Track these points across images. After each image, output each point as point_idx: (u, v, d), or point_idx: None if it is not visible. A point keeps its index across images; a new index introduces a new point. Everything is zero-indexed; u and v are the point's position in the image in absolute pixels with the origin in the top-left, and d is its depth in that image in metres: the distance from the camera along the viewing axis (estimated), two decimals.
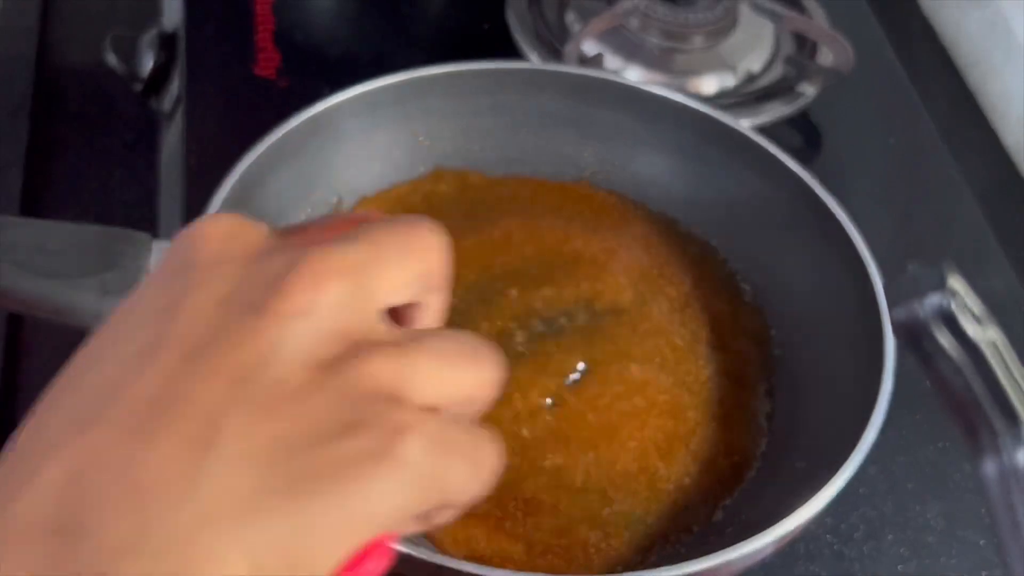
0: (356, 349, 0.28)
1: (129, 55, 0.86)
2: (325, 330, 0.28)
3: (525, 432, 0.58)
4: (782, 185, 0.64)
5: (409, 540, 0.47)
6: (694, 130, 0.67)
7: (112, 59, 0.86)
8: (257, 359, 0.27)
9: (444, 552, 0.52)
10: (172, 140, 0.83)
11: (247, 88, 0.82)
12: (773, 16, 0.86)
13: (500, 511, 0.55)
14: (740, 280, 0.67)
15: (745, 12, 0.87)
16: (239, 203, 0.58)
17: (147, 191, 0.86)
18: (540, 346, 0.61)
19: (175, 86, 0.85)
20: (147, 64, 0.85)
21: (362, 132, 0.66)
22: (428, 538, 0.53)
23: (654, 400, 0.60)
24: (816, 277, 0.63)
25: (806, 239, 0.64)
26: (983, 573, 0.63)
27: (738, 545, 0.47)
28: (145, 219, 0.85)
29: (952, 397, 0.43)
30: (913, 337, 0.44)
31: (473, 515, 0.54)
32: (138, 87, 0.87)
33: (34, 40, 0.92)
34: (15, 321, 0.78)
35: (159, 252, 0.56)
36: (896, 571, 0.62)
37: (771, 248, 0.66)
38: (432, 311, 0.33)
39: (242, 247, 0.30)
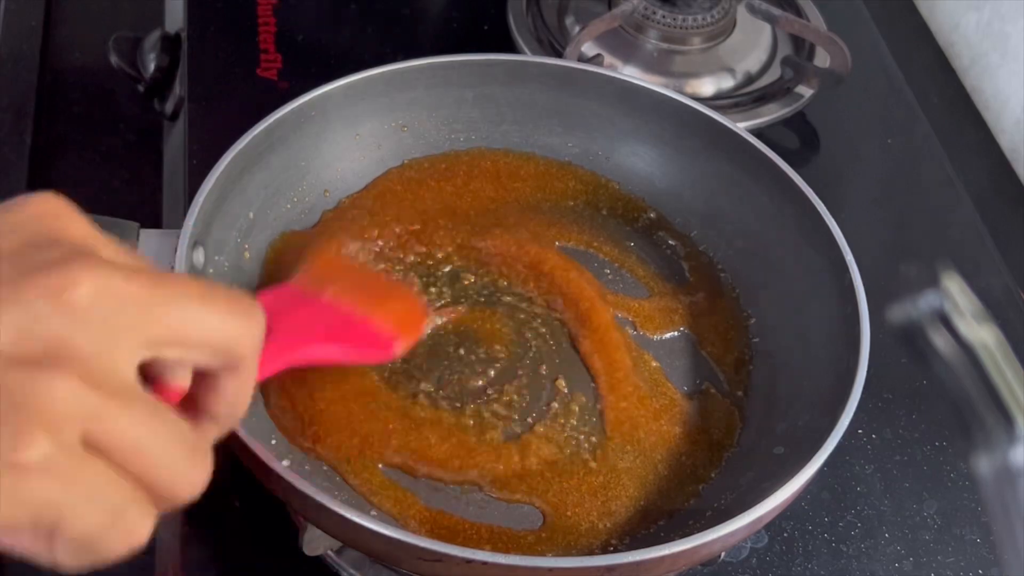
0: None
1: (132, 56, 0.86)
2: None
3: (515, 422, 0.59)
4: (761, 175, 0.65)
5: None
6: (675, 121, 0.68)
7: (116, 60, 0.86)
8: None
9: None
10: (175, 141, 0.84)
11: (249, 89, 0.82)
12: (770, 18, 0.87)
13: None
14: (719, 269, 0.67)
15: (743, 14, 0.87)
16: (227, 191, 0.59)
17: (150, 192, 0.86)
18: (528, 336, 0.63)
19: (178, 87, 0.85)
20: (150, 65, 0.86)
21: (348, 123, 0.67)
22: None
23: (635, 386, 0.61)
24: (794, 265, 0.64)
25: (784, 228, 0.64)
26: (979, 570, 0.63)
27: (713, 529, 0.48)
28: (148, 220, 0.85)
29: (947, 396, 0.44)
30: (908, 336, 0.45)
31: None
32: (141, 88, 0.87)
33: (38, 41, 0.92)
34: None
35: (147, 240, 0.56)
36: (893, 568, 0.63)
37: (750, 237, 0.67)
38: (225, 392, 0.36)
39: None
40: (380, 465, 0.56)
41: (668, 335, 0.64)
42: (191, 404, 0.36)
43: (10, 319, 0.29)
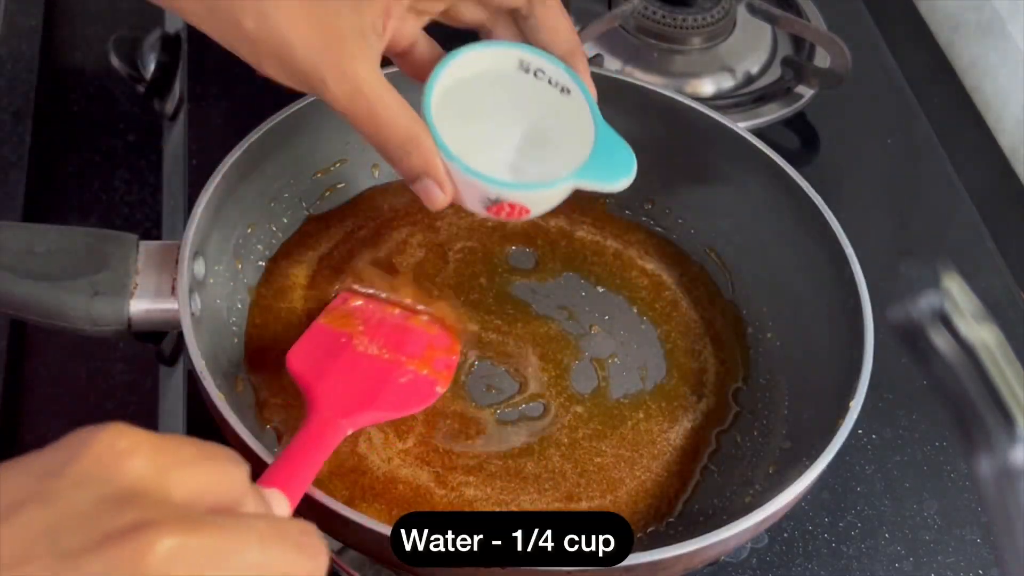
0: None
1: (132, 57, 0.86)
2: None
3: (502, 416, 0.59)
4: (761, 174, 0.65)
5: None
6: (675, 121, 0.68)
7: (116, 61, 0.86)
8: None
9: None
10: (175, 141, 0.84)
11: (249, 89, 0.81)
12: (770, 18, 0.87)
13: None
14: (718, 268, 0.68)
15: (743, 14, 0.87)
16: (225, 199, 0.59)
17: (150, 191, 0.86)
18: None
19: (178, 87, 0.85)
20: (150, 66, 0.86)
21: (347, 126, 0.67)
22: None
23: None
24: (794, 261, 0.64)
25: (784, 225, 0.64)
26: (979, 571, 0.63)
27: (715, 532, 0.48)
28: (148, 219, 0.85)
29: (947, 396, 0.44)
30: (908, 336, 0.45)
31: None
32: (141, 88, 0.87)
33: (38, 41, 0.92)
34: (19, 322, 0.78)
35: (146, 253, 0.56)
36: (893, 569, 0.63)
37: (749, 235, 0.67)
38: None
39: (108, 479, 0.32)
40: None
41: (666, 334, 0.64)
42: None
43: None
